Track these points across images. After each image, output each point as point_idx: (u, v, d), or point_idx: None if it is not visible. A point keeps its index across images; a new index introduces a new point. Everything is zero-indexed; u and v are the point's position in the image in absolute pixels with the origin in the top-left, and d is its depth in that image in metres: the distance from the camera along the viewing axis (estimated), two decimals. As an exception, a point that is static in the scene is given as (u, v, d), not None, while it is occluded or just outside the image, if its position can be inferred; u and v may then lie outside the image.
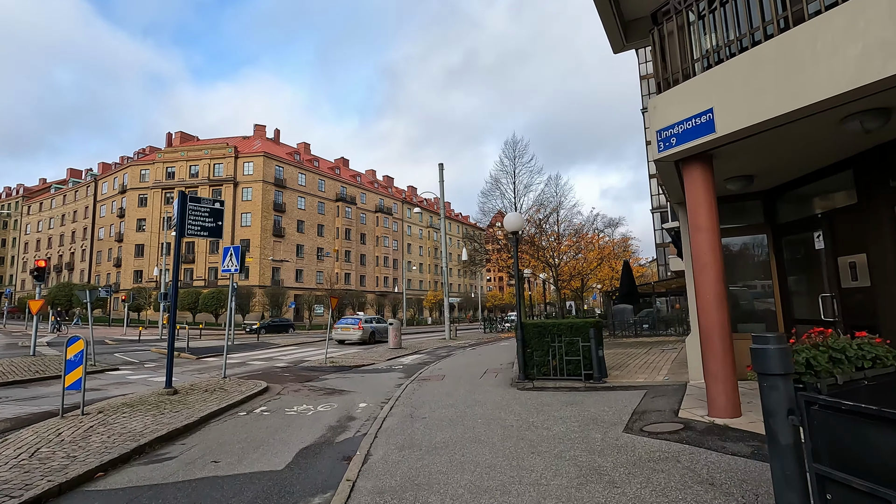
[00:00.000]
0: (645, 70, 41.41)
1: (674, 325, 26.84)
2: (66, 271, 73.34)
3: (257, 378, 12.51)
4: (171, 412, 7.58)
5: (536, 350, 9.61)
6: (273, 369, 14.81)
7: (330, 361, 16.00)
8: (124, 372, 13.90)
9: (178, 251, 9.62)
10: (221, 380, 11.06)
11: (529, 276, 22.60)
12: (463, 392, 9.24)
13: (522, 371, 9.63)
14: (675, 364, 10.75)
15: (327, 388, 11.08)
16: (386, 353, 19.04)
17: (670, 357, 12.41)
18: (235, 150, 61.97)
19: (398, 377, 12.64)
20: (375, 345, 25.08)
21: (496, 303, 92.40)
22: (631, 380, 9.09)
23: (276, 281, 60.46)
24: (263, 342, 25.88)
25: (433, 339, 29.65)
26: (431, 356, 18.30)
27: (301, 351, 21.35)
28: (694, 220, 5.75)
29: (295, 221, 64.30)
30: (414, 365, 15.47)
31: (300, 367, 15.39)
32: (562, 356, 9.33)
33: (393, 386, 11.03)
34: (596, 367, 8.95)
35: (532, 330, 9.67)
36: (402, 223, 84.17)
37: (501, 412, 7.12)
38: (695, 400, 6.66)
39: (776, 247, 7.53)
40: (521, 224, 9.93)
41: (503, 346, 21.48)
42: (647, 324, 25.20)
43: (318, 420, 7.59)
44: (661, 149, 5.81)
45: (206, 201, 9.98)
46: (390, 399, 9.06)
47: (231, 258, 11.20)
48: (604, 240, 28.45)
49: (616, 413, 6.44)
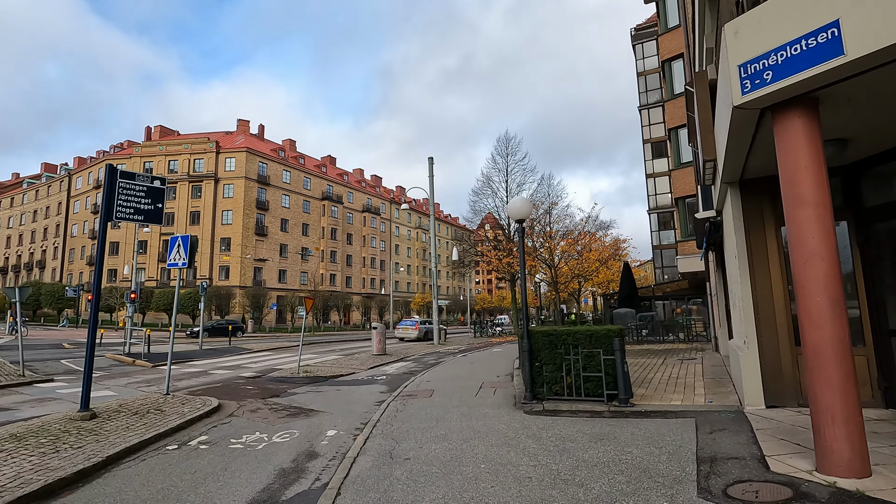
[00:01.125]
0: (643, 66, 40.09)
1: (674, 331, 25.41)
2: (38, 269, 70.10)
3: (213, 393, 10.61)
4: (72, 448, 5.70)
5: (547, 364, 7.86)
6: (236, 380, 12.90)
7: (304, 371, 14.12)
8: (57, 384, 11.89)
9: (104, 238, 7.72)
10: (163, 397, 9.14)
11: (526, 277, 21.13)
12: (457, 416, 7.47)
13: (530, 389, 7.88)
14: (709, 380, 9.08)
15: (293, 406, 9.23)
16: (368, 361, 17.20)
17: (694, 370, 10.75)
18: (217, 145, 59.55)
19: (379, 391, 10.83)
20: (426, 341, 28.49)
21: (485, 305, 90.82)
22: (664, 401, 7.39)
23: (258, 281, 58.11)
24: (236, 347, 23.85)
25: (421, 343, 27.81)
26: (418, 364, 16.50)
27: (275, 357, 19.40)
28: (793, 190, 4.06)
29: (279, 220, 62.01)
30: (399, 375, 13.67)
31: (268, 377, 13.49)
32: (578, 372, 7.60)
33: (372, 404, 9.23)
34: (622, 385, 7.24)
35: (542, 340, 7.93)
36: (389, 224, 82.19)
37: (511, 452, 5.36)
38: (776, 439, 4.95)
39: (861, 238, 5.87)
40: (527, 210, 8.21)
41: (497, 354, 19.74)
42: (647, 329, 23.68)
43: (269, 458, 5.76)
44: (745, 90, 4.11)
45: (142, 178, 8.08)
46: (367, 424, 7.27)
47: (178, 250, 9.31)
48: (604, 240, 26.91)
49: (672, 458, 4.71)
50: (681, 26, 18.84)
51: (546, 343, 7.89)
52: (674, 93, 19.33)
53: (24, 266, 71.89)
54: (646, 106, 39.05)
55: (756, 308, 6.33)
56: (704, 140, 6.96)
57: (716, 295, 14.34)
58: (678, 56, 19.46)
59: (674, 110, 19.12)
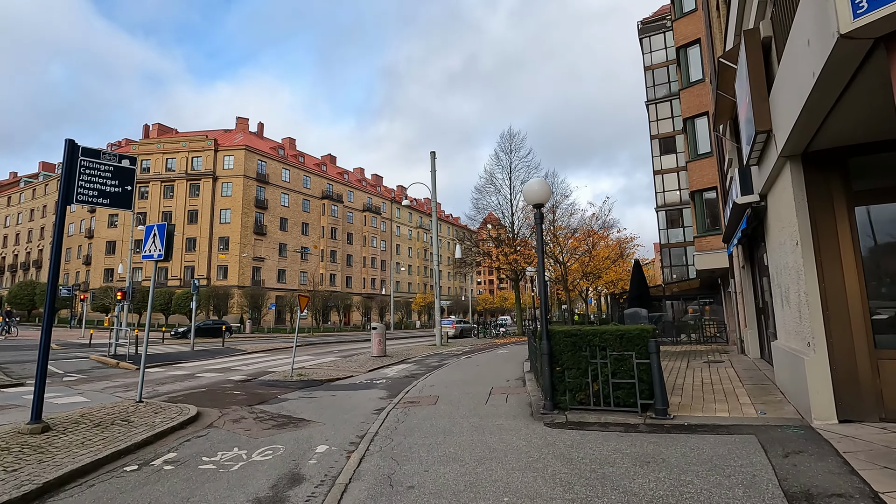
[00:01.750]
0: (650, 60, 39.09)
1: (686, 332, 24.39)
2: (34, 269, 69.21)
3: (195, 399, 9.64)
4: (3, 472, 4.71)
5: (570, 368, 6.86)
6: (224, 384, 11.91)
7: (298, 374, 13.13)
8: (27, 389, 10.90)
9: (62, 224, 6.73)
10: (134, 405, 8.15)
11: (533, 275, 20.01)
12: (467, 429, 6.48)
13: (549, 397, 6.88)
14: (750, 387, 8.05)
15: (282, 414, 8.25)
16: (368, 363, 16.21)
17: (727, 374, 9.74)
18: (215, 143, 58.62)
19: (379, 397, 9.85)
20: (462, 338, 30.25)
21: (487, 306, 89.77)
22: (707, 412, 6.39)
23: (257, 281, 57.15)
24: (230, 348, 22.86)
25: (422, 344, 26.81)
26: (421, 367, 15.51)
27: (269, 359, 18.41)
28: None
29: (278, 219, 61.05)
30: (400, 379, 12.68)
31: (259, 381, 12.51)
32: (607, 378, 6.60)
33: (370, 412, 8.24)
34: (658, 394, 6.24)
35: (563, 341, 6.93)
36: (390, 223, 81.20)
37: (538, 479, 4.36)
38: (877, 466, 3.93)
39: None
40: (546, 193, 7.21)
41: (503, 356, 18.74)
42: (658, 330, 22.62)
43: (243, 483, 4.77)
44: (859, 11, 3.11)
45: (108, 156, 7.10)
46: (364, 438, 6.29)
47: (154, 240, 8.33)
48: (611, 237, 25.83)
49: (750, 493, 3.69)
50: (698, 9, 17.86)
51: (568, 345, 6.89)
52: (690, 80, 18.35)
53: (21, 266, 71.01)
54: (653, 101, 38.03)
55: (824, 304, 5.33)
56: (757, 109, 5.96)
57: (741, 293, 13.33)
58: (694, 42, 18.48)
59: (690, 99, 18.13)
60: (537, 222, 7.29)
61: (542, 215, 7.28)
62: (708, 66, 16.79)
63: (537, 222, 7.29)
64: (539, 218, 7.28)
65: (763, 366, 10.36)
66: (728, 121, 12.28)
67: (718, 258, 16.93)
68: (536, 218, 7.27)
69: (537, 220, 7.29)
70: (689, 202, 35.18)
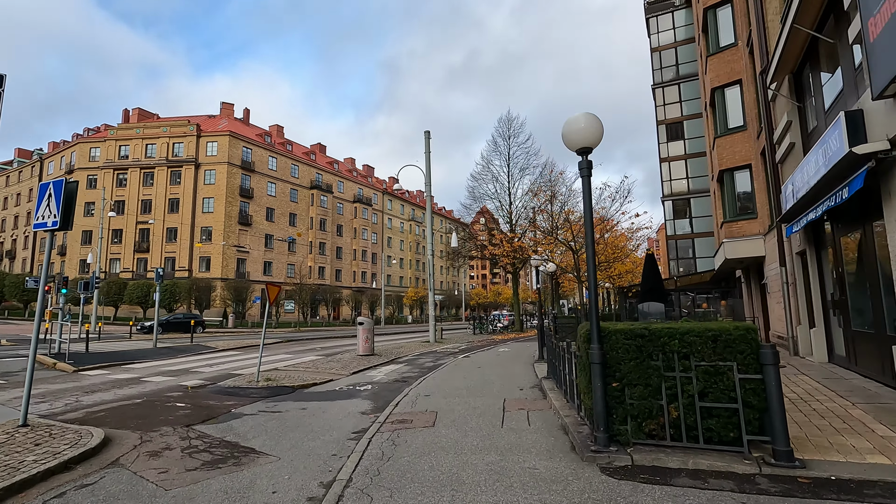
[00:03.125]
0: (657, 41, 36.98)
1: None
2: (7, 260, 66.09)
3: (119, 415, 7.42)
4: None
5: (633, 385, 4.71)
6: (169, 393, 9.65)
7: (266, 378, 10.91)
8: (-90, 399, 8.60)
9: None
10: (16, 429, 5.89)
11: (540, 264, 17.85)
12: (485, 475, 4.33)
13: (604, 425, 4.72)
14: (868, 406, 5.93)
15: (226, 440, 6.06)
16: (352, 363, 14.02)
17: (813, 386, 7.63)
18: (198, 129, 55.77)
19: (360, 412, 7.68)
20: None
21: (480, 301, 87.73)
22: (848, 455, 4.28)
23: (242, 273, 54.57)
24: (199, 345, 20.50)
25: (415, 341, 24.65)
26: (413, 368, 13.36)
27: (240, 358, 16.14)
28: None
29: (264, 209, 58.41)
30: (388, 384, 10.52)
31: (216, 387, 10.27)
32: (692, 400, 4.46)
33: (346, 437, 6.08)
34: (779, 427, 4.12)
35: (624, 344, 4.77)
36: (382, 215, 78.73)
37: None
38: None
39: None
40: (595, 133, 5.00)
41: (506, 355, 16.64)
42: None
43: None
44: None
45: None
46: (331, 488, 4.16)
47: (48, 203, 6.04)
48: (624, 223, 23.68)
49: None
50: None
51: (631, 350, 4.74)
52: (719, 45, 16.23)
53: (-7, 256, 67.78)
54: (660, 84, 35.96)
55: None
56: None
57: (793, 283, 11.29)
58: (724, 2, 16.36)
59: (720, 66, 16.03)
60: (584, 175, 5.10)
61: (590, 165, 5.09)
62: (743, 27, 14.68)
63: (584, 175, 5.10)
64: (586, 169, 5.09)
65: (844, 373, 8.30)
66: (789, 75, 10.19)
67: (751, 245, 14.93)
68: (583, 170, 5.08)
69: (584, 174, 5.10)
70: (697, 192, 33.31)
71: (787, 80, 10.25)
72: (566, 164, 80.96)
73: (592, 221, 5.12)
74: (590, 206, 5.08)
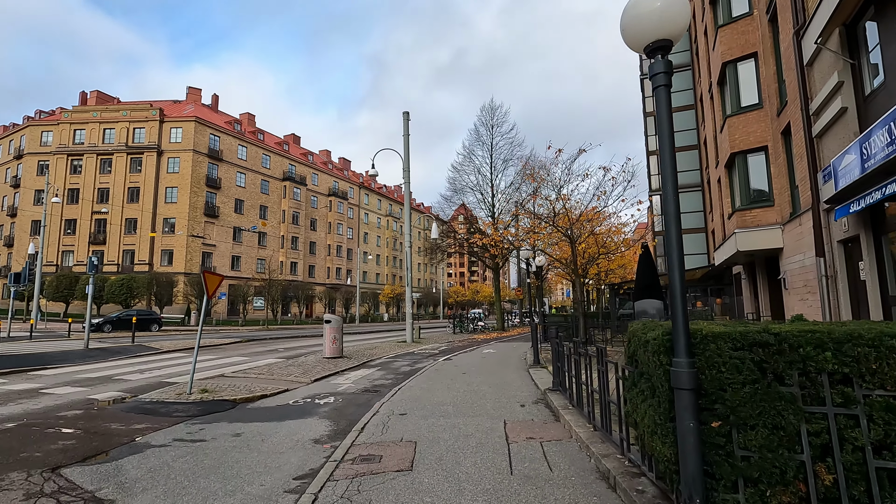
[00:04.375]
0: (646, 30, 35.61)
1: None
2: (-50, 251, 61.08)
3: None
4: None
5: (746, 427, 2.81)
6: (71, 409, 7.43)
7: (201, 389, 8.76)
8: None
9: None
10: None
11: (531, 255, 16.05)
12: None
13: (699, 492, 2.81)
14: None
15: (95, 501, 3.96)
16: (315, 368, 11.93)
17: None
18: (161, 114, 52.28)
19: (312, 440, 5.66)
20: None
21: (458, 299, 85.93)
22: None
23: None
24: (142, 345, 17.96)
25: (390, 341, 22.58)
26: (387, 374, 11.34)
27: (185, 362, 13.83)
28: None
29: (232, 200, 55.26)
30: (355, 396, 8.50)
31: (134, 401, 8.06)
32: (860, 456, 2.59)
33: (282, 489, 4.07)
34: None
35: (733, 360, 2.87)
36: (358, 210, 76.08)
37: None
38: None
39: None
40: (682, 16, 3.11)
41: (492, 357, 14.77)
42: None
43: None
44: None
45: None
46: None
47: None
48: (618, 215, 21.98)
49: None
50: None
51: (745, 369, 2.85)
52: (732, 15, 14.66)
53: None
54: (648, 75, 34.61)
55: None
56: None
57: (833, 276, 9.69)
58: (737, -31, 14.77)
59: (732, 38, 14.45)
60: (660, 85, 3.19)
61: (670, 67, 3.18)
62: (760, -8, 13.11)
63: (660, 85, 3.19)
64: (663, 74, 3.18)
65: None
66: (840, 27, 8.54)
67: (767, 236, 13.41)
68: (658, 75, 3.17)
69: (659, 81, 3.19)
70: (685, 186, 32.08)
71: (836, 33, 8.62)
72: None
73: (674, 152, 3.23)
74: (670, 126, 3.18)
